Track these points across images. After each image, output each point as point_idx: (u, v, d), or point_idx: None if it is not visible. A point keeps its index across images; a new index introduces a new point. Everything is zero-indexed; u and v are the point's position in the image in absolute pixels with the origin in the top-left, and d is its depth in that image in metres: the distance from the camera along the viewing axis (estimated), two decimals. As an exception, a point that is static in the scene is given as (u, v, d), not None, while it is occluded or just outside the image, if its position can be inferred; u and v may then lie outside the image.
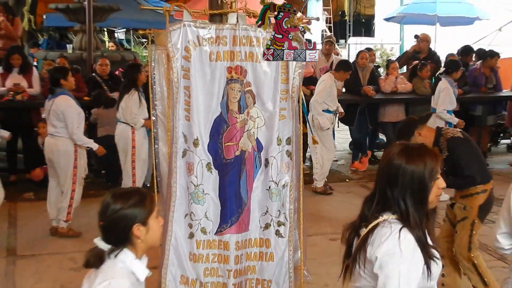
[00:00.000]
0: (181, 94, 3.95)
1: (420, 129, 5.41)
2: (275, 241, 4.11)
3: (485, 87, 10.87)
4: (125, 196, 2.79)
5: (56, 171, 7.28)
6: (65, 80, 7.28)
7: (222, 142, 4.03)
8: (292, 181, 4.10)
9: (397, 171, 2.66)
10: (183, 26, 3.86)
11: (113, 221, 2.71)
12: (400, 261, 2.53)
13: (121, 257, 2.72)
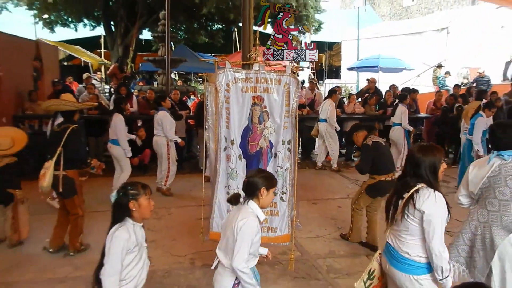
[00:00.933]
0: (223, 112, 3.98)
1: (358, 132, 5.45)
2: (279, 203, 4.13)
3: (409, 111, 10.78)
4: (262, 171, 3.09)
5: (159, 156, 7.59)
6: (164, 102, 7.65)
7: (248, 142, 4.05)
8: (291, 167, 4.12)
9: (419, 160, 2.81)
10: (225, 71, 3.89)
11: (251, 182, 2.90)
12: (439, 211, 2.70)
13: (250, 205, 2.89)
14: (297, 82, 4.00)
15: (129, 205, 2.81)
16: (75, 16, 16.74)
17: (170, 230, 5.94)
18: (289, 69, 3.98)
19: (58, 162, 4.80)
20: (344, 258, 5.16)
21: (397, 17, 27.62)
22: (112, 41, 17.03)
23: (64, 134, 4.81)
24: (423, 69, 17.41)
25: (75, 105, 5.19)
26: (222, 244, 2.93)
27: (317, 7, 17.84)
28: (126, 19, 16.37)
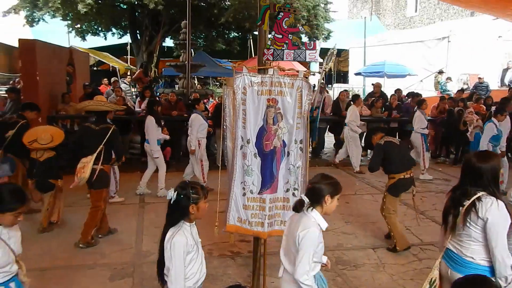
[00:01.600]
0: (240, 113, 3.93)
1: (376, 135, 5.36)
2: (292, 199, 4.06)
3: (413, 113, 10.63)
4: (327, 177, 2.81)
5: None
6: (198, 105, 7.65)
7: (263, 141, 4.00)
8: (302, 164, 4.06)
9: (481, 169, 2.67)
10: (242, 75, 3.85)
11: (315, 188, 2.72)
12: (502, 219, 2.59)
13: (313, 214, 2.71)
14: (309, 85, 3.94)
15: (189, 209, 2.69)
16: (105, 25, 16.85)
17: (190, 222, 5.93)
18: (301, 73, 3.93)
19: (98, 157, 4.97)
20: (351, 251, 5.10)
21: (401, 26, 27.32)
22: (137, 48, 17.12)
23: (105, 133, 5.02)
24: (425, 75, 17.22)
25: (109, 106, 5.41)
26: (286, 250, 2.82)
27: (327, 17, 17.71)
28: (150, 28, 16.44)
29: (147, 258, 4.73)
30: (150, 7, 13.36)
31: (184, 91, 11.31)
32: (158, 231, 5.46)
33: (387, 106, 10.70)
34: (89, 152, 4.97)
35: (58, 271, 4.36)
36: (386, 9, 29.31)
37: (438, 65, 16.86)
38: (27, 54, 8.20)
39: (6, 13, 15.74)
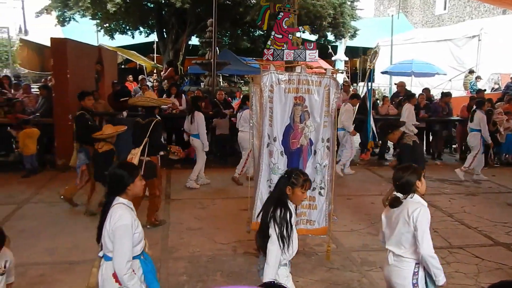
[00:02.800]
0: (267, 111, 3.92)
1: (395, 131, 5.25)
2: (318, 198, 4.04)
3: (442, 113, 10.40)
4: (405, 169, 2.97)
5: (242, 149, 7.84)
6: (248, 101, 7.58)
7: (290, 140, 3.98)
8: (329, 163, 4.02)
9: None
10: (270, 73, 3.83)
11: (404, 183, 2.89)
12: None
13: (416, 197, 2.87)
14: (337, 84, 3.90)
15: (285, 190, 2.87)
16: (132, 24, 17.09)
17: (214, 219, 5.94)
18: (329, 71, 3.89)
19: (144, 149, 5.27)
20: (377, 252, 4.99)
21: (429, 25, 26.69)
22: (164, 46, 17.30)
23: (149, 126, 5.31)
24: (454, 74, 16.79)
25: (157, 102, 5.73)
26: (392, 240, 2.93)
27: (353, 15, 17.46)
28: (177, 27, 16.58)
29: (172, 254, 4.77)
30: (177, 6, 13.48)
31: (209, 89, 11.36)
32: (184, 228, 5.55)
33: (415, 105, 10.47)
34: (137, 145, 5.33)
35: (86, 264, 4.42)
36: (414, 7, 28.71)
37: (467, 64, 16.41)
38: (59, 52, 8.38)
39: (39, 13, 16.17)
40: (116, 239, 2.53)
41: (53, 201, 6.43)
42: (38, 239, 5.03)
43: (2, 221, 5.57)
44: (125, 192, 2.68)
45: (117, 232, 2.53)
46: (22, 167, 8.02)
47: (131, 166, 2.90)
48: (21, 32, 22.52)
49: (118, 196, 2.68)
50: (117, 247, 2.53)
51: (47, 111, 8.50)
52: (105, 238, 2.61)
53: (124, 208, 2.62)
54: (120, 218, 2.55)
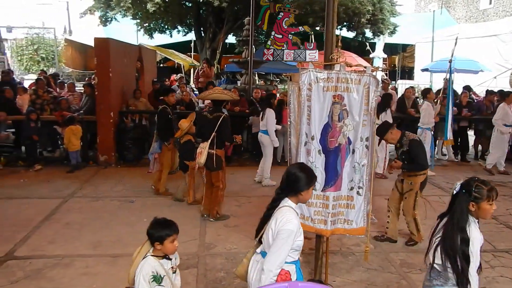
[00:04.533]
0: (305, 109, 3.90)
1: (392, 130, 5.13)
2: (356, 197, 3.98)
3: (486, 112, 10.01)
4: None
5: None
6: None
7: (328, 138, 3.95)
8: (368, 163, 3.96)
9: None
10: (308, 71, 3.82)
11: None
12: None
13: None
14: (377, 82, 3.82)
15: (468, 206, 2.60)
16: (171, 23, 17.42)
17: (250, 217, 5.96)
18: (369, 69, 3.83)
19: (212, 143, 5.56)
20: (417, 253, 4.89)
21: (473, 20, 25.70)
22: (201, 45, 17.54)
23: (217, 121, 5.54)
24: (500, 71, 16.10)
25: (229, 96, 5.90)
26: None
27: (393, 11, 17.07)
28: (214, 25, 16.77)
29: (210, 250, 4.85)
30: (214, 5, 13.63)
31: (246, 87, 11.44)
32: (221, 224, 5.61)
33: (457, 103, 10.14)
34: (205, 139, 5.62)
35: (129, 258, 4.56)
36: (457, 2, 27.71)
37: (514, 60, 15.73)
38: (102, 52, 8.67)
39: (83, 14, 16.78)
40: (277, 240, 2.56)
41: (97, 196, 6.69)
42: (82, 232, 5.25)
43: (50, 213, 5.85)
44: (297, 195, 2.71)
45: (281, 234, 2.55)
46: (67, 162, 8.38)
47: (312, 173, 2.86)
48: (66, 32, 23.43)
49: (287, 198, 2.71)
50: (276, 248, 2.56)
51: (91, 108, 8.81)
52: (268, 236, 2.65)
53: (292, 212, 2.66)
54: (288, 222, 2.58)
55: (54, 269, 4.27)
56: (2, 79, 10.02)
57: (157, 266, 2.70)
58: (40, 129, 8.42)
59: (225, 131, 5.64)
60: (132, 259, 2.77)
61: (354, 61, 16.07)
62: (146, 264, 2.68)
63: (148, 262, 2.69)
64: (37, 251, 4.69)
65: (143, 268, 2.67)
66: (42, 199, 6.47)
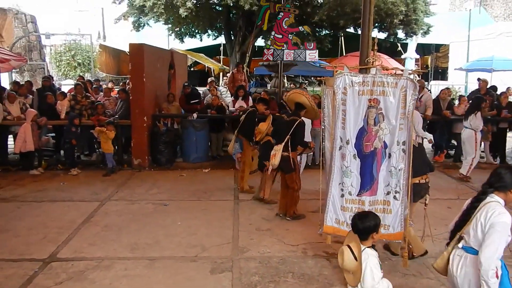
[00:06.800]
0: (340, 114, 3.91)
1: None
2: (393, 202, 3.95)
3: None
4: None
5: None
6: None
7: (363, 142, 3.94)
8: (405, 167, 3.92)
9: None
10: (343, 75, 3.82)
11: None
12: None
13: None
14: (414, 85, 3.79)
15: None
16: (201, 28, 17.61)
17: (282, 220, 5.99)
18: (406, 72, 3.79)
19: (286, 145, 5.68)
20: (455, 260, 4.78)
21: (512, 17, 24.88)
22: (231, 48, 17.67)
23: (292, 125, 5.62)
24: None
25: (308, 101, 5.68)
26: None
27: (427, 11, 16.68)
28: (244, 29, 16.86)
29: (244, 254, 4.88)
30: (245, 8, 13.71)
31: (276, 90, 11.44)
32: (253, 228, 5.66)
33: (496, 104, 9.83)
34: (279, 141, 5.75)
35: (165, 261, 4.67)
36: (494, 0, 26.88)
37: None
38: (136, 57, 8.88)
39: (117, 20, 17.24)
40: (492, 233, 2.60)
41: (133, 199, 6.86)
42: (120, 235, 5.38)
43: (89, 216, 6.04)
44: (505, 192, 2.76)
45: (496, 227, 2.59)
46: (103, 166, 8.62)
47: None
48: (100, 37, 24.14)
49: (494, 194, 2.77)
50: (491, 241, 2.59)
51: (125, 113, 9.03)
52: (477, 230, 2.70)
53: (502, 207, 2.71)
54: (502, 215, 2.62)
55: (95, 271, 4.40)
56: (43, 84, 10.40)
57: (376, 255, 2.92)
58: (79, 134, 8.71)
59: (299, 135, 5.72)
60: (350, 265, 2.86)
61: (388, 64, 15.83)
62: (371, 256, 2.85)
63: (371, 253, 2.85)
64: (79, 253, 4.84)
65: (370, 260, 2.82)
66: (82, 202, 6.69)
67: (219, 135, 10.03)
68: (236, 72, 12.72)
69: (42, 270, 4.41)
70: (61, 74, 19.57)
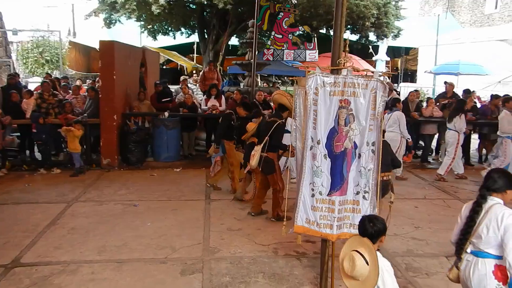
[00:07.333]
0: (311, 114, 3.91)
1: None
2: (362, 202, 3.98)
3: (491, 116, 9.97)
4: None
5: None
6: (398, 103, 8.52)
7: (334, 143, 3.95)
8: (374, 167, 3.96)
9: None
10: (315, 75, 3.83)
11: None
12: None
13: None
14: (384, 87, 3.82)
15: None
16: (175, 25, 17.43)
17: (254, 220, 5.98)
18: (377, 74, 3.83)
19: (265, 147, 5.73)
20: (423, 258, 4.89)
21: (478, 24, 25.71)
22: (204, 46, 17.55)
23: (271, 126, 5.68)
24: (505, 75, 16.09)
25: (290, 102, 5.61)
26: None
27: (398, 14, 17.05)
28: (218, 27, 16.78)
29: (215, 255, 4.84)
30: (219, 7, 13.64)
31: (249, 89, 11.43)
32: (224, 228, 5.63)
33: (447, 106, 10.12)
34: (260, 141, 5.81)
35: (135, 263, 4.57)
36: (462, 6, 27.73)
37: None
38: (107, 54, 8.69)
39: (87, 16, 16.84)
40: (510, 237, 2.66)
41: (101, 200, 6.69)
42: (88, 237, 5.23)
43: (55, 218, 5.85)
44: (502, 193, 2.88)
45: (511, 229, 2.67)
46: (70, 166, 8.38)
47: None
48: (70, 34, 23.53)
49: (492, 196, 2.87)
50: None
51: (94, 111, 8.83)
52: (488, 233, 2.77)
53: (507, 208, 2.79)
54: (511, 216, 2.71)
55: (60, 275, 4.26)
56: (8, 82, 10.03)
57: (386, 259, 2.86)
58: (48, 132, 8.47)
59: (276, 137, 5.74)
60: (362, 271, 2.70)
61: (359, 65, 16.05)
62: (385, 261, 2.81)
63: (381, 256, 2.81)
64: (44, 257, 4.68)
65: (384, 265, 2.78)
66: (48, 204, 6.46)
67: (191, 134, 9.96)
68: (208, 70, 12.64)
69: (4, 277, 4.23)
70: (28, 71, 18.95)
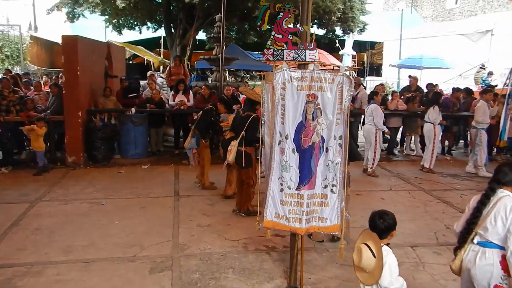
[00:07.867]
0: (279, 109, 3.92)
1: None
2: (330, 195, 4.03)
3: (452, 109, 10.31)
4: None
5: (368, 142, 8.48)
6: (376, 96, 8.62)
7: (302, 137, 3.97)
8: (341, 161, 4.01)
9: None
10: (282, 70, 3.84)
11: None
12: None
13: None
14: (350, 81, 3.87)
15: None
16: (140, 20, 17.09)
17: (223, 216, 5.97)
18: (343, 69, 3.87)
19: (241, 141, 5.73)
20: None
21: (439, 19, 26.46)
22: (171, 41, 17.29)
23: (247, 120, 5.71)
24: (466, 69, 16.65)
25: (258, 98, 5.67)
26: None
27: (363, 9, 17.31)
28: (184, 22, 16.56)
29: (184, 251, 4.80)
30: (185, 1, 13.45)
31: (217, 84, 11.35)
32: (193, 224, 5.58)
33: (424, 100, 10.40)
34: (236, 136, 5.80)
35: (102, 263, 4.47)
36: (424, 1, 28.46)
37: (479, 59, 16.25)
38: (70, 50, 8.40)
39: (50, 10, 16.26)
40: None
41: (67, 199, 6.50)
42: (53, 238, 5.08)
43: (17, 219, 5.64)
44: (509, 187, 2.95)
45: None
46: (34, 164, 8.09)
47: None
48: (31, 29, 22.65)
49: (502, 188, 2.94)
50: None
51: (58, 108, 8.55)
52: (496, 224, 2.83)
53: None
54: None
55: (24, 277, 4.12)
56: (-35, 79, 9.56)
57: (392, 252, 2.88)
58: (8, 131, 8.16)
59: (252, 131, 5.73)
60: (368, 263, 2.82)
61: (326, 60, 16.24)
62: (390, 253, 2.83)
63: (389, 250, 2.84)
64: (6, 259, 4.51)
65: (388, 257, 2.80)
66: (10, 204, 6.23)
67: (159, 130, 9.82)
68: (174, 65, 12.47)
69: (-37, 280, 4.07)
70: (-14, 67, 18.15)
